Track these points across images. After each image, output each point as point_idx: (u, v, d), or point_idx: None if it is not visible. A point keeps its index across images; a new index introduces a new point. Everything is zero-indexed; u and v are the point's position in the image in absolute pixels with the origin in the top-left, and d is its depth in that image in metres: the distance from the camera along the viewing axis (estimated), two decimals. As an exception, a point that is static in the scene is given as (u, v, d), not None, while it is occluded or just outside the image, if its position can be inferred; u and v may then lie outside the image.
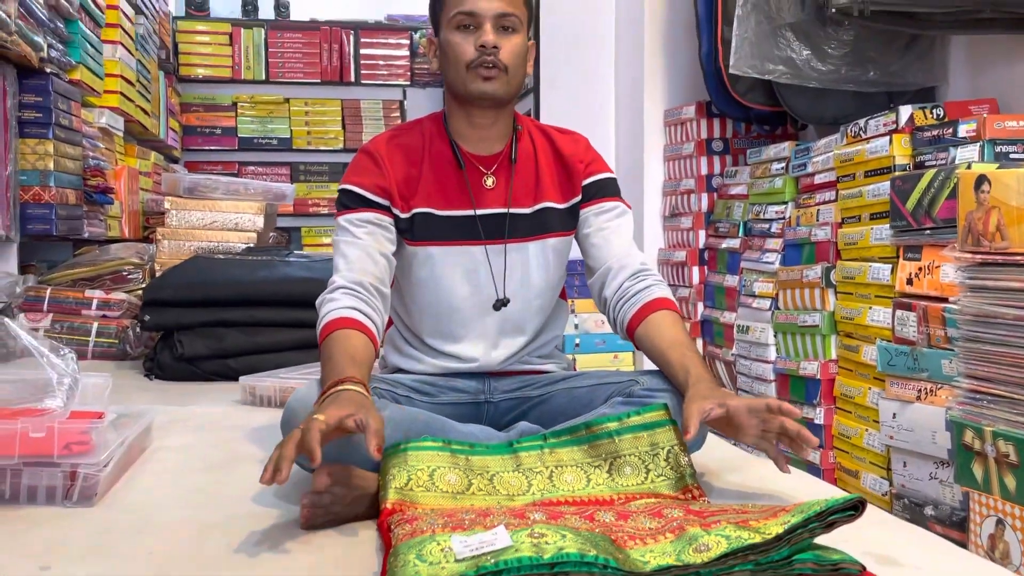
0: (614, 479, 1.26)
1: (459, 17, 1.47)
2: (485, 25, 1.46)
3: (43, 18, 2.86)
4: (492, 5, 1.46)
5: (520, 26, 1.49)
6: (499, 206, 1.55)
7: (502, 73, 1.48)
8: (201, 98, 5.75)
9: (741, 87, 2.82)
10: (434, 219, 1.53)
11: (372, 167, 1.54)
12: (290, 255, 2.96)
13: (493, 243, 1.55)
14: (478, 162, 1.56)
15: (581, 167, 1.60)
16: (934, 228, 1.90)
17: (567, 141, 1.62)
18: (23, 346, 1.47)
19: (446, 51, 1.51)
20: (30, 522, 1.23)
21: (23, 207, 2.87)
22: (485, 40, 1.45)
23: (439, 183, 1.54)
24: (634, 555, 0.93)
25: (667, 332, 1.46)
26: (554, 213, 1.58)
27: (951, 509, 1.83)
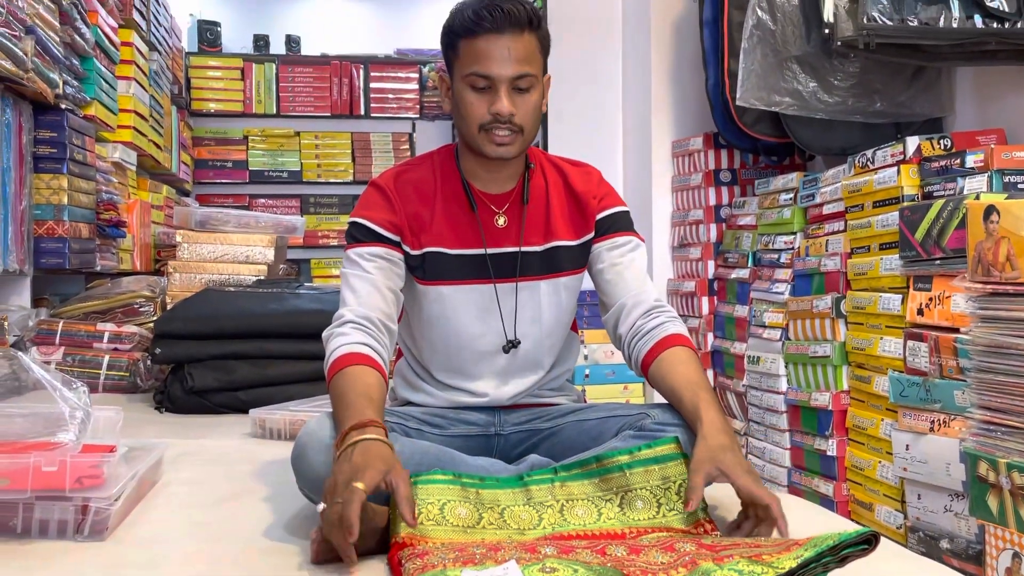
0: (625, 513, 1.26)
1: (472, 78, 1.44)
2: (500, 89, 1.43)
3: (59, 55, 2.91)
4: (508, 68, 1.42)
5: (536, 82, 1.46)
6: (510, 245, 1.54)
7: (517, 135, 1.46)
8: (213, 132, 5.82)
9: (748, 118, 2.84)
10: (445, 258, 1.52)
11: (383, 202, 1.53)
12: (300, 287, 2.97)
13: (504, 282, 1.54)
14: (490, 201, 1.55)
15: (594, 203, 1.58)
16: (944, 258, 1.90)
17: (579, 175, 1.60)
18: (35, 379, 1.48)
19: (458, 105, 1.48)
20: (42, 557, 1.23)
21: (37, 241, 2.90)
22: (499, 110, 1.42)
23: (450, 221, 1.53)
24: None
25: (680, 369, 1.43)
26: (566, 251, 1.56)
27: (967, 542, 1.81)
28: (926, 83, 2.59)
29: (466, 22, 1.44)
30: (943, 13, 2.12)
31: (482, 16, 1.42)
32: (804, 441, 2.48)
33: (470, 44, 1.43)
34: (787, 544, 0.99)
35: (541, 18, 1.49)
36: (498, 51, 1.42)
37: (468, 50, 1.44)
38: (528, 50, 1.44)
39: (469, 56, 1.44)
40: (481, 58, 1.42)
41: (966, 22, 2.12)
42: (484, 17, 1.42)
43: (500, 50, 1.42)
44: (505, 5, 1.43)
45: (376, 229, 1.51)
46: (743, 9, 2.69)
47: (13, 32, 2.49)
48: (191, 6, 5.88)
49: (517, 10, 1.43)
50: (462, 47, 1.45)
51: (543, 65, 1.49)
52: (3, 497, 1.26)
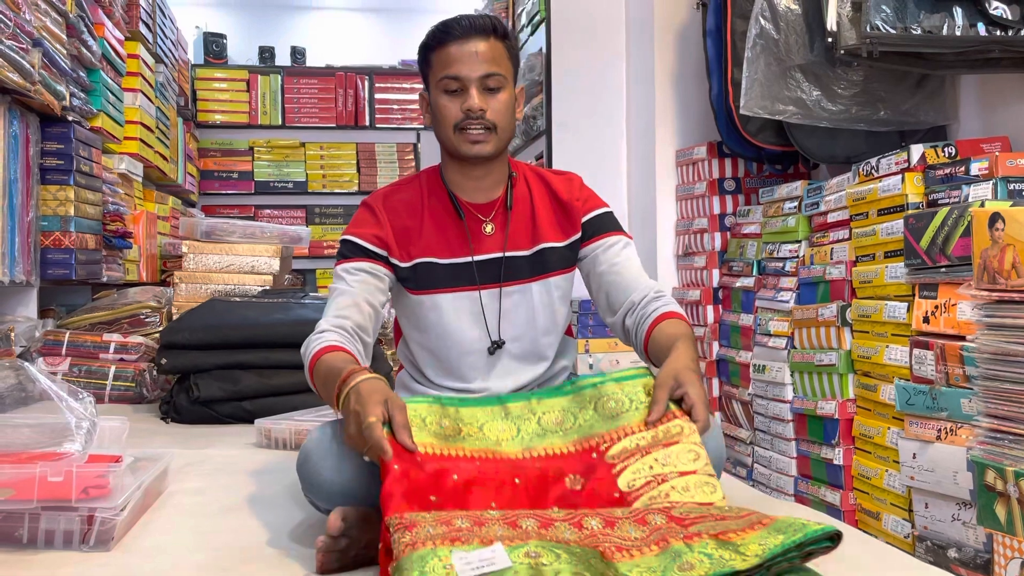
0: (599, 415, 1.33)
1: (445, 81, 1.52)
2: (471, 88, 1.51)
3: (66, 68, 2.93)
4: (476, 68, 1.51)
5: (505, 82, 1.54)
6: (497, 251, 1.59)
7: (491, 133, 1.53)
8: (218, 143, 5.85)
9: (752, 127, 2.84)
10: (435, 268, 1.57)
11: (370, 218, 1.59)
12: (305, 297, 2.98)
13: (488, 287, 1.59)
14: (476, 210, 1.60)
15: (579, 204, 1.64)
16: (949, 266, 1.89)
17: (561, 181, 1.67)
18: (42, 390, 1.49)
19: (435, 111, 1.55)
20: (48, 567, 1.23)
21: (43, 252, 2.91)
22: (471, 105, 1.50)
23: (439, 232, 1.59)
24: (622, 569, 0.97)
25: (667, 331, 1.50)
26: (554, 252, 1.62)
27: (975, 551, 1.80)
28: (930, 91, 2.59)
29: (436, 34, 1.54)
30: (946, 21, 2.13)
31: (449, 26, 1.53)
32: (810, 450, 2.47)
33: (440, 53, 1.52)
34: (751, 521, 1.03)
35: (508, 31, 1.58)
36: (466, 54, 1.51)
37: (439, 58, 1.53)
38: (495, 52, 1.53)
39: (440, 63, 1.52)
40: (451, 62, 1.51)
41: (969, 30, 2.12)
42: (451, 27, 1.53)
43: (468, 53, 1.51)
44: (470, 17, 1.54)
45: (362, 244, 1.57)
46: (746, 18, 2.69)
47: (20, 45, 2.51)
48: (197, 18, 5.92)
49: (482, 19, 1.54)
50: (434, 58, 1.54)
51: (513, 73, 1.57)
52: (9, 507, 1.27)
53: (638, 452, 1.26)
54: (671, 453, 1.24)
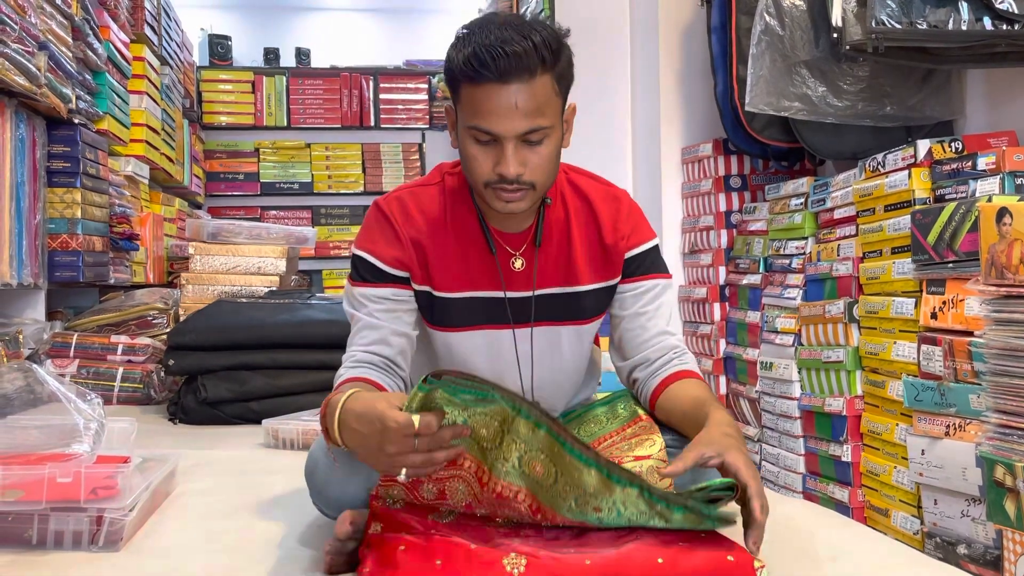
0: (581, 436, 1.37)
1: (475, 132, 1.26)
2: (506, 147, 1.24)
3: (72, 70, 2.94)
4: (515, 124, 1.23)
5: (551, 131, 1.27)
6: (525, 288, 1.40)
7: (528, 191, 1.29)
8: (224, 145, 5.86)
9: (757, 124, 2.84)
10: (456, 302, 1.39)
11: (389, 234, 1.37)
12: (312, 298, 2.98)
13: (521, 327, 1.40)
14: (505, 241, 1.39)
15: (623, 244, 1.42)
16: (956, 261, 1.89)
17: (607, 209, 1.43)
18: (50, 392, 1.50)
19: (463, 153, 1.31)
20: (57, 567, 1.23)
21: (51, 254, 2.92)
22: (504, 172, 1.25)
23: (463, 260, 1.38)
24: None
25: (688, 392, 1.34)
26: (589, 296, 1.43)
27: (984, 547, 1.79)
28: (936, 86, 2.58)
29: (465, 67, 1.23)
30: (952, 15, 2.12)
31: (483, 61, 1.20)
32: (818, 447, 2.47)
33: (471, 92, 1.24)
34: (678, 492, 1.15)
35: (559, 47, 1.26)
36: (503, 104, 1.22)
37: (469, 99, 1.25)
38: (540, 98, 1.23)
39: (470, 106, 1.25)
40: (483, 112, 1.23)
41: (975, 24, 2.11)
42: (486, 63, 1.20)
43: (505, 103, 1.21)
44: (511, 45, 1.20)
45: (381, 267, 1.37)
46: (751, 15, 2.69)
47: (26, 48, 2.52)
48: (202, 20, 5.94)
49: (525, 51, 1.20)
50: (463, 92, 1.25)
51: (561, 105, 1.29)
52: (19, 508, 1.27)
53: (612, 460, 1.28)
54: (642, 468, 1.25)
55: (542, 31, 1.24)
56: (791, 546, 1.27)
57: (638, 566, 1.05)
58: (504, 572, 1.03)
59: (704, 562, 1.06)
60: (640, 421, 1.39)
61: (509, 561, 1.04)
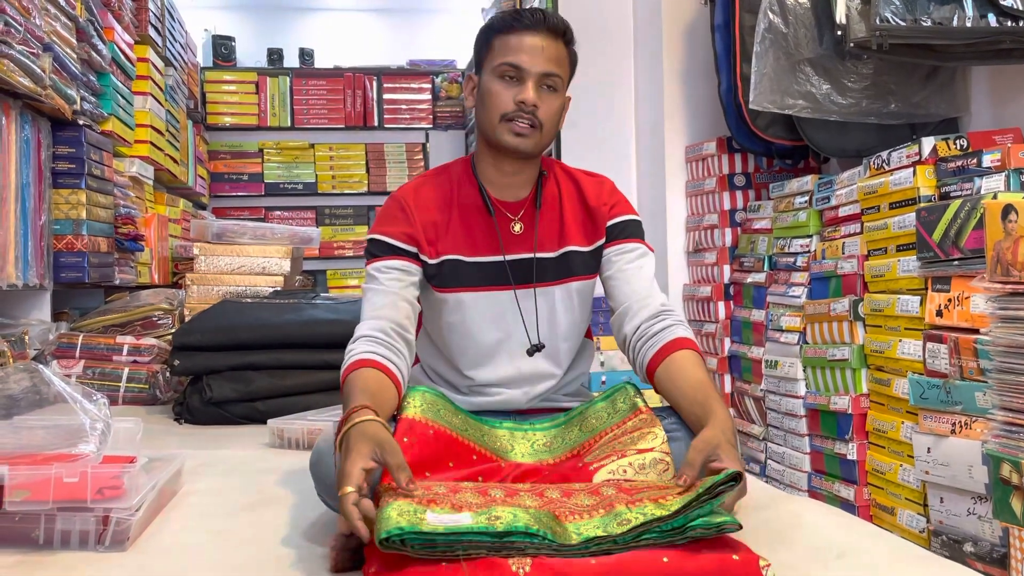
0: (583, 431, 1.45)
1: (503, 67, 1.49)
2: (528, 81, 1.48)
3: (76, 72, 2.95)
4: (538, 63, 1.48)
5: (561, 86, 1.52)
6: (526, 251, 1.56)
7: (536, 131, 1.49)
8: (228, 145, 5.87)
9: (762, 122, 2.83)
10: (463, 265, 1.54)
11: (400, 215, 1.55)
12: (316, 297, 2.99)
13: (522, 287, 1.56)
14: (505, 208, 1.57)
15: (606, 209, 1.60)
16: (962, 259, 1.88)
17: (592, 184, 1.63)
18: (56, 392, 1.50)
19: (484, 96, 1.52)
20: (64, 567, 1.24)
21: (56, 255, 2.93)
22: (525, 97, 1.47)
23: (467, 229, 1.55)
24: (570, 528, 1.11)
25: (688, 372, 1.43)
26: (578, 256, 1.58)
27: (991, 545, 1.79)
28: (941, 83, 2.57)
29: (505, 19, 1.51)
30: (956, 12, 2.11)
31: (522, 14, 1.50)
32: (824, 445, 2.46)
33: (505, 38, 1.50)
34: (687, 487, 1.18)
35: (573, 37, 1.55)
36: (532, 46, 1.48)
37: (502, 43, 1.50)
38: (559, 54, 1.51)
39: (502, 48, 1.49)
40: (514, 50, 1.48)
41: (980, 21, 2.11)
42: (524, 15, 1.50)
43: (534, 45, 1.48)
44: (545, 11, 1.51)
45: (392, 242, 1.53)
46: (755, 13, 2.68)
47: (31, 50, 2.53)
48: (206, 21, 5.95)
49: (556, 19, 1.52)
50: (496, 41, 1.51)
51: (569, 77, 1.54)
52: (25, 508, 1.27)
53: (614, 454, 1.34)
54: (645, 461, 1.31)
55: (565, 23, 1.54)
56: (797, 544, 1.27)
57: (643, 566, 1.06)
58: (510, 572, 1.03)
59: (709, 562, 1.07)
60: (640, 414, 1.42)
61: (515, 562, 1.04)
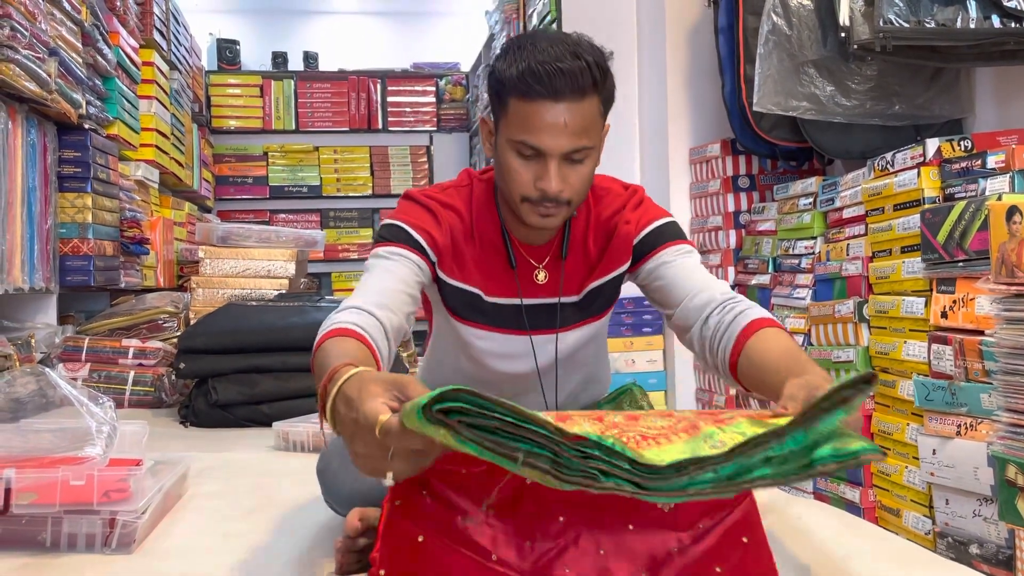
0: None
1: (520, 146, 1.27)
2: (550, 164, 1.26)
3: (82, 76, 2.96)
4: (561, 142, 1.25)
5: (592, 152, 1.29)
6: (547, 295, 1.43)
7: (563, 207, 1.30)
8: (233, 149, 5.89)
9: (766, 124, 2.83)
10: (481, 302, 1.42)
11: (426, 215, 1.37)
12: (321, 300, 2.99)
13: (540, 333, 1.44)
14: (529, 254, 1.41)
15: (630, 228, 1.41)
16: (967, 260, 1.88)
17: (614, 203, 1.43)
18: (63, 395, 1.50)
19: (501, 166, 1.31)
20: (71, 570, 1.24)
21: (62, 259, 2.94)
22: (547, 188, 1.26)
23: (486, 269, 1.41)
24: (648, 456, 0.83)
25: (771, 345, 1.18)
26: (600, 292, 1.45)
27: (997, 547, 1.78)
28: (945, 84, 2.57)
29: (518, 82, 1.24)
30: (960, 14, 2.11)
31: (538, 77, 1.23)
32: (829, 447, 2.46)
33: (519, 106, 1.25)
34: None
35: (608, 70, 1.29)
36: (552, 121, 1.24)
37: (517, 113, 1.26)
38: (588, 118, 1.26)
39: (518, 120, 1.26)
40: (532, 127, 1.25)
41: (983, 22, 2.10)
42: (540, 79, 1.23)
43: (555, 120, 1.24)
44: (566, 64, 1.23)
45: (414, 234, 1.34)
46: (758, 15, 2.68)
47: (37, 54, 2.54)
48: (210, 25, 5.97)
49: (579, 71, 1.24)
50: (511, 106, 1.27)
51: (603, 125, 1.32)
52: (32, 511, 1.28)
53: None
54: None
55: (592, 52, 1.28)
56: (802, 547, 1.27)
57: None
58: None
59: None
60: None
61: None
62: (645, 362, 3.32)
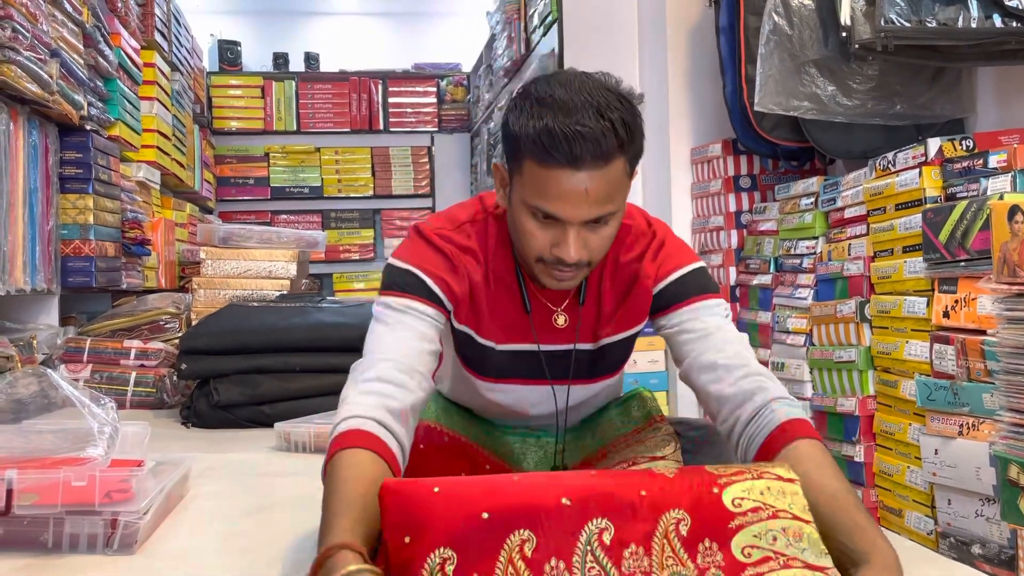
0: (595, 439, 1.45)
1: (535, 209, 1.15)
2: (569, 231, 1.15)
3: (83, 77, 2.96)
4: (582, 211, 1.12)
5: (617, 213, 1.17)
6: (564, 342, 1.34)
7: (583, 270, 1.21)
8: (234, 150, 5.89)
9: (767, 124, 2.83)
10: (494, 353, 1.33)
11: (443, 262, 1.26)
12: (323, 301, 2.99)
13: (559, 383, 1.36)
14: (546, 299, 1.31)
15: (649, 281, 1.30)
16: (968, 260, 1.88)
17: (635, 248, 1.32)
18: (64, 396, 1.50)
19: (515, 223, 1.21)
20: (73, 570, 1.24)
21: (64, 260, 2.94)
22: (564, 256, 1.15)
23: (500, 315, 1.31)
24: None
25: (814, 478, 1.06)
26: (616, 348, 1.37)
27: (999, 547, 1.78)
28: (947, 84, 2.57)
29: (534, 145, 1.11)
30: (961, 13, 2.11)
31: (556, 142, 1.09)
32: (831, 447, 2.46)
33: (537, 171, 1.12)
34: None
35: (636, 125, 1.14)
36: (573, 191, 1.11)
37: (534, 177, 1.13)
38: (612, 184, 1.13)
39: (534, 185, 1.14)
40: (549, 195, 1.12)
41: (985, 22, 2.10)
42: (559, 145, 1.09)
43: (576, 189, 1.11)
44: (589, 127, 1.09)
45: (431, 286, 1.24)
46: (759, 15, 2.68)
47: (38, 56, 2.54)
48: (212, 26, 5.97)
49: (603, 133, 1.09)
50: (527, 168, 1.14)
51: (630, 182, 1.18)
52: (34, 512, 1.28)
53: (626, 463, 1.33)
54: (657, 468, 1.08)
55: (620, 107, 1.13)
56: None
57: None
58: None
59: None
60: (655, 423, 1.41)
61: None
62: (647, 362, 3.32)
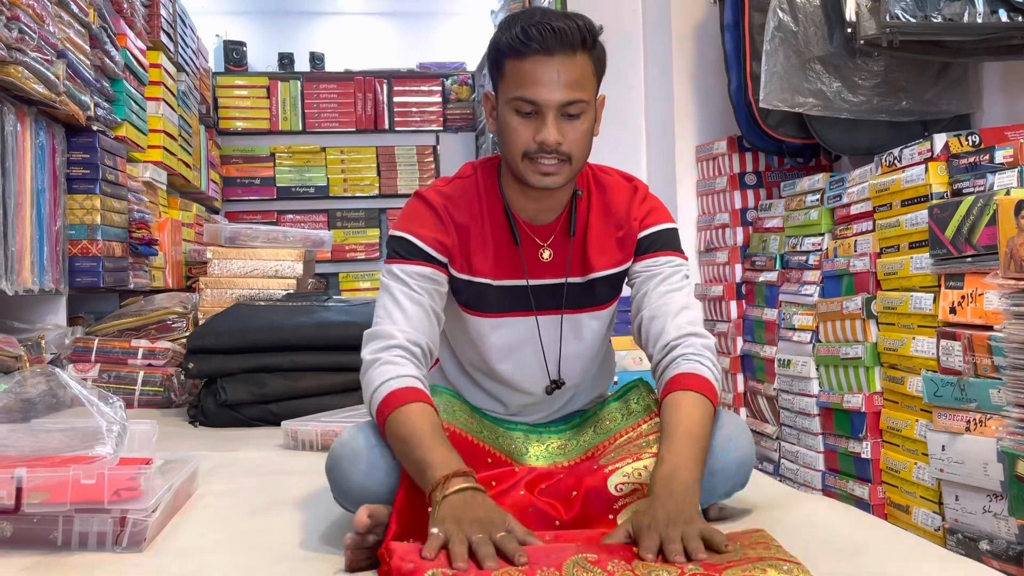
0: (597, 433, 1.47)
1: (518, 102, 1.33)
2: (547, 116, 1.32)
3: (90, 78, 2.97)
4: (556, 93, 1.31)
5: (587, 107, 1.35)
6: (552, 276, 1.46)
7: (564, 164, 1.35)
8: (240, 150, 5.90)
9: (772, 120, 2.83)
10: (490, 289, 1.44)
11: (432, 219, 1.42)
12: (329, 300, 3.00)
13: (546, 314, 1.47)
14: (534, 233, 1.45)
15: (636, 223, 1.47)
16: (975, 256, 1.87)
17: (623, 194, 1.49)
18: (73, 395, 1.51)
19: (502, 129, 1.37)
20: (82, 568, 1.25)
21: (71, 260, 2.96)
22: (545, 138, 1.32)
23: (493, 251, 1.44)
24: None
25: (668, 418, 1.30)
26: (607, 281, 1.48)
27: (1007, 543, 1.78)
28: (952, 80, 2.56)
29: (513, 41, 1.33)
30: (967, 8, 2.10)
31: (530, 36, 1.31)
32: (838, 444, 2.45)
33: (516, 65, 1.33)
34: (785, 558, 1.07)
35: (597, 36, 1.37)
36: (546, 74, 1.31)
37: (514, 72, 1.33)
38: (580, 73, 1.33)
39: (515, 79, 1.33)
40: (527, 82, 1.32)
41: (991, 17, 2.10)
42: (533, 37, 1.31)
43: (549, 73, 1.31)
44: (556, 23, 1.31)
45: (423, 247, 1.40)
46: (764, 11, 2.68)
47: (45, 57, 2.55)
48: (217, 27, 5.98)
49: (570, 29, 1.32)
50: (508, 68, 1.34)
51: (596, 87, 1.38)
52: (44, 510, 1.29)
53: (629, 456, 1.33)
54: None
55: (584, 20, 1.36)
56: (812, 543, 1.27)
57: None
58: None
59: None
60: (655, 416, 1.41)
61: None
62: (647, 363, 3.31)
